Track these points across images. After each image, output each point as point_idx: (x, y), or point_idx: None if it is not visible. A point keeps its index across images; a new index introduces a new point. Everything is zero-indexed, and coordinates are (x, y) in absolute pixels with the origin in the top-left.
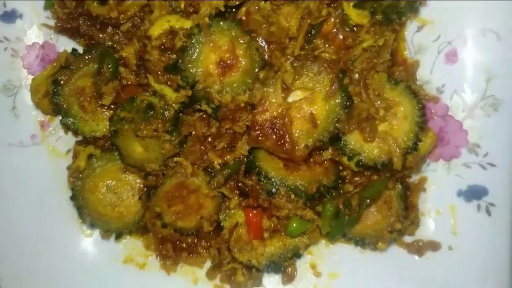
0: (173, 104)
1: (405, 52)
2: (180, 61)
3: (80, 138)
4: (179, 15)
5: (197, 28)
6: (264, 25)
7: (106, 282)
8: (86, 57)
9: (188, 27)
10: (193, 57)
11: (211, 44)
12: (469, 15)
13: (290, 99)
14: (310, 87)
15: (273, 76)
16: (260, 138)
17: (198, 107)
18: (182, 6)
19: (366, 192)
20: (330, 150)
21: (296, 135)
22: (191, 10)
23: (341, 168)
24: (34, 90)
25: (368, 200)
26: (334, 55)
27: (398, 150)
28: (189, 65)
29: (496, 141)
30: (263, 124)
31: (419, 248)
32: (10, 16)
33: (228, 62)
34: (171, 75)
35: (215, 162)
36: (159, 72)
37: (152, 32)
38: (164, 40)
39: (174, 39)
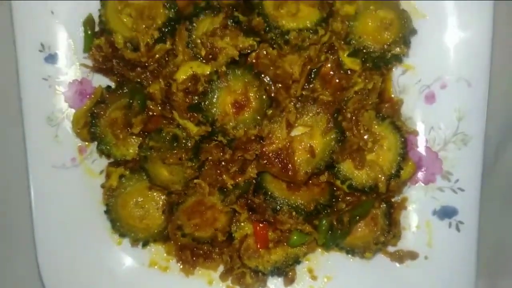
0: (194, 136)
1: (391, 91)
2: (201, 103)
3: (112, 160)
4: (199, 60)
5: (216, 74)
6: (271, 68)
7: (135, 282)
8: (118, 93)
9: (208, 73)
10: (213, 100)
11: (228, 89)
12: (445, 64)
13: (293, 134)
14: (310, 124)
15: (279, 115)
16: (267, 165)
17: (216, 138)
18: (203, 53)
19: (356, 211)
20: (326, 174)
21: (298, 163)
22: (210, 57)
23: (335, 188)
24: (75, 122)
25: (357, 217)
26: (330, 97)
27: (383, 177)
28: (209, 107)
29: (465, 170)
30: (270, 155)
31: (400, 257)
32: (53, 58)
33: (242, 103)
34: (194, 113)
35: (228, 183)
36: (183, 110)
37: (177, 76)
38: (188, 84)
39: (196, 84)
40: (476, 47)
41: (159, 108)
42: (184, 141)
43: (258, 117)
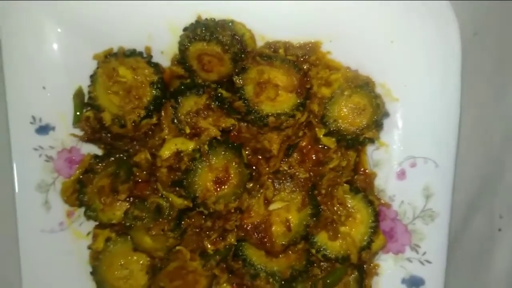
0: (177, 207)
1: (366, 164)
2: (184, 180)
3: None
4: (183, 137)
5: (198, 153)
6: (252, 141)
7: None
8: (106, 162)
9: (191, 150)
10: (195, 178)
11: (209, 166)
12: (415, 145)
13: (270, 208)
14: (286, 199)
15: (257, 190)
16: (246, 237)
17: (197, 209)
18: (187, 131)
19: (329, 278)
20: (302, 242)
21: (275, 236)
22: (194, 134)
23: (311, 254)
24: (64, 191)
25: (330, 284)
26: (306, 174)
27: (355, 248)
28: (191, 184)
29: (432, 244)
30: (248, 227)
31: None
32: (45, 129)
33: (223, 179)
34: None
35: (209, 249)
36: (167, 184)
37: (161, 153)
38: (172, 162)
39: (180, 161)
40: (444, 131)
41: (145, 175)
42: (167, 211)
43: (238, 191)
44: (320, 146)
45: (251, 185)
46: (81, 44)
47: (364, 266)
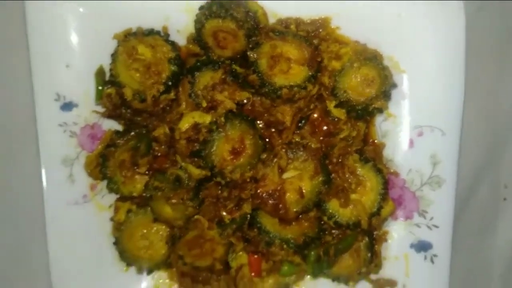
0: (196, 178)
1: (375, 135)
2: (202, 151)
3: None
4: (200, 110)
5: (215, 125)
6: (265, 115)
7: None
8: (126, 137)
9: (208, 122)
10: (212, 148)
11: (226, 137)
12: (422, 115)
13: (284, 176)
14: (299, 168)
15: (271, 159)
16: (261, 205)
17: (214, 179)
18: (204, 105)
19: (341, 244)
20: (315, 210)
21: (288, 203)
22: (210, 107)
23: (323, 222)
24: (87, 165)
25: (342, 250)
26: (318, 144)
27: (365, 215)
28: (209, 154)
29: (439, 209)
30: (263, 195)
31: (380, 284)
32: (69, 106)
33: (238, 149)
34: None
35: (226, 218)
36: (186, 155)
37: (180, 126)
38: (190, 133)
39: (198, 133)
40: (450, 100)
41: (164, 149)
42: (186, 182)
43: (253, 161)
44: (331, 118)
45: (265, 156)
46: (102, 24)
47: (374, 232)
